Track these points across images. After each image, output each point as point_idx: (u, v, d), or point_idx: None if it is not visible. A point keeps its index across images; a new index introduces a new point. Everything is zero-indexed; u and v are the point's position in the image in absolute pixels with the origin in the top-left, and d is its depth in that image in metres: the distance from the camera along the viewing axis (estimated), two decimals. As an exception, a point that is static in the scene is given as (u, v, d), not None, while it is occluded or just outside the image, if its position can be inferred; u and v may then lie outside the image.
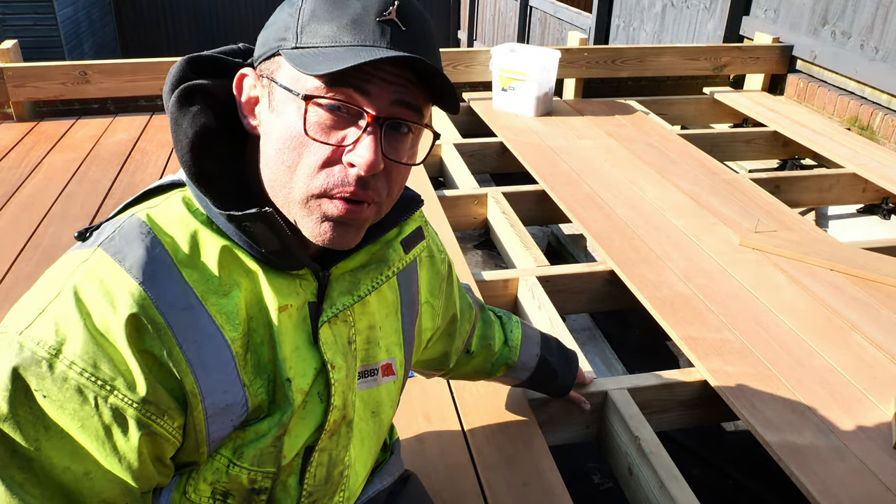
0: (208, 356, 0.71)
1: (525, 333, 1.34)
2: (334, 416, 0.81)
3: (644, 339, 2.56)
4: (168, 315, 0.68)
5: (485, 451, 1.47)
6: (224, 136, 0.77)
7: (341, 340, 0.82)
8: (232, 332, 0.72)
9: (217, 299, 0.72)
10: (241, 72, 0.76)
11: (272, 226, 0.71)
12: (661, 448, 1.52)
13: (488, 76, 3.78)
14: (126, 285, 0.67)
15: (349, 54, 0.66)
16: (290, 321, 0.77)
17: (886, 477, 1.41)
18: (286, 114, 0.70)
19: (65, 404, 0.65)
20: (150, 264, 0.69)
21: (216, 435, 0.74)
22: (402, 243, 0.87)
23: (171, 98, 0.74)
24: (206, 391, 0.71)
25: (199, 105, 0.75)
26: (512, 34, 8.18)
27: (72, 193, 2.78)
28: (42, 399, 0.65)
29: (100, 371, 0.65)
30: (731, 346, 1.80)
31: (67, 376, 0.65)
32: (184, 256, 0.71)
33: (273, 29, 0.73)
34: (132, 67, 3.54)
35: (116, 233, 0.71)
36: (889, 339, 1.86)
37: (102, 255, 0.69)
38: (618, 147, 3.23)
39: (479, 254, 2.98)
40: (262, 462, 0.78)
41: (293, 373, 0.77)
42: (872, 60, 3.47)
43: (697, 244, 2.35)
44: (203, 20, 11.76)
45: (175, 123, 0.74)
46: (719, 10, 4.66)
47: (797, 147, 3.54)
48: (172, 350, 0.68)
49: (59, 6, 8.88)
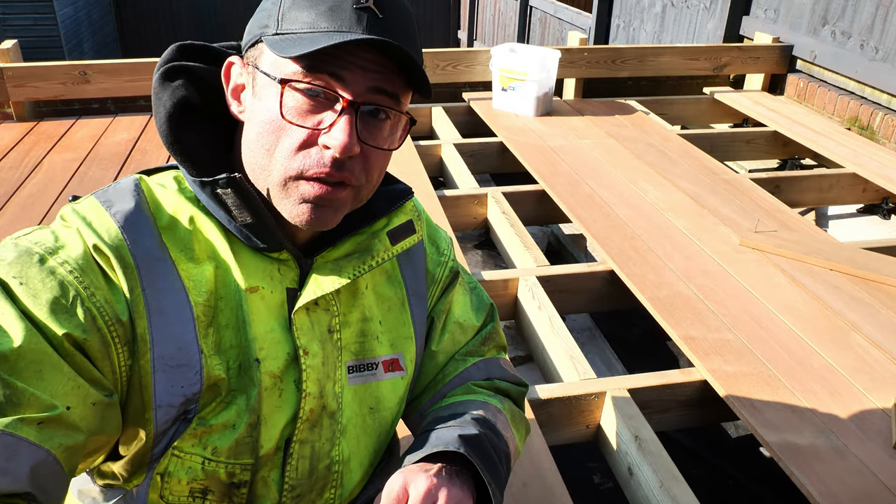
0: (168, 306, 0.73)
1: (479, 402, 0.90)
2: (309, 404, 0.81)
3: (644, 339, 2.56)
4: (139, 259, 0.72)
5: (485, 451, 1.47)
6: (208, 117, 0.80)
7: (319, 328, 0.81)
8: (197, 296, 0.74)
9: (188, 266, 0.75)
10: (229, 60, 0.78)
11: (243, 194, 0.74)
12: (661, 448, 1.52)
13: (488, 76, 3.78)
14: (106, 225, 0.72)
15: (324, 38, 0.68)
16: (262, 303, 0.77)
17: (886, 477, 1.41)
18: (266, 98, 0.73)
19: (39, 293, 0.67)
20: (134, 215, 0.74)
21: (164, 399, 0.73)
22: (388, 234, 0.86)
23: (155, 75, 0.78)
24: (157, 339, 0.72)
25: (182, 81, 0.78)
26: (512, 34, 8.18)
27: (72, 193, 2.78)
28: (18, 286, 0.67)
29: (87, 277, 0.70)
30: (731, 346, 1.80)
31: (56, 270, 0.69)
32: (165, 221, 0.76)
33: (257, 17, 0.75)
34: (132, 67, 3.54)
35: (111, 187, 0.77)
36: (889, 339, 1.86)
37: (92, 200, 0.75)
38: (618, 147, 3.23)
39: (479, 254, 2.98)
40: (239, 454, 0.78)
41: (264, 353, 0.77)
42: (872, 60, 3.47)
43: (697, 244, 2.35)
44: (203, 20, 11.76)
45: (156, 97, 0.78)
46: (719, 10, 4.66)
47: (797, 147, 3.55)
48: (134, 289, 0.71)
49: (59, 6, 8.88)
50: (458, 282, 0.99)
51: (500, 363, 1.00)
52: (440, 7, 11.49)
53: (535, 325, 2.05)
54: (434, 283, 0.97)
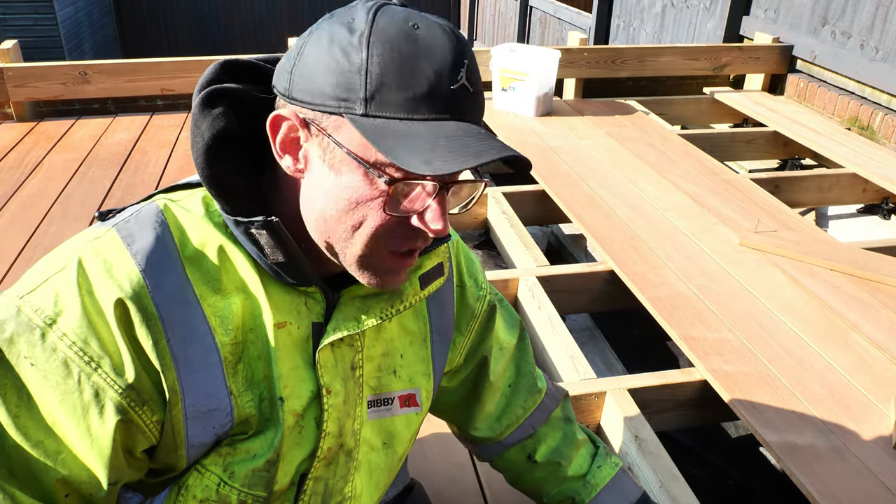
0: (195, 355, 0.70)
1: (618, 480, 1.08)
2: (328, 443, 0.80)
3: (644, 339, 2.56)
4: (162, 306, 0.69)
5: (485, 451, 1.47)
6: (244, 141, 0.75)
7: (343, 365, 0.80)
8: (223, 336, 0.72)
9: (215, 300, 0.72)
10: (280, 114, 0.70)
11: (278, 236, 0.71)
12: (661, 448, 1.52)
13: (488, 76, 3.78)
14: (127, 270, 0.68)
15: (430, 137, 0.64)
16: (289, 339, 0.75)
17: (886, 477, 1.41)
18: (349, 175, 0.67)
19: (49, 375, 0.67)
20: (155, 252, 0.70)
21: (196, 440, 0.73)
22: (420, 278, 0.84)
23: (195, 99, 0.73)
24: (188, 390, 0.71)
25: (222, 108, 0.73)
26: (512, 34, 8.18)
27: (72, 193, 2.78)
28: (29, 367, 0.66)
29: (89, 348, 0.67)
30: (731, 346, 1.80)
31: (57, 347, 0.66)
32: (191, 252, 0.72)
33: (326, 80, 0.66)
34: (132, 67, 3.54)
35: (133, 216, 0.72)
36: (889, 339, 1.86)
37: (114, 235, 0.70)
38: (618, 147, 3.23)
39: (479, 254, 2.98)
40: (254, 485, 0.77)
41: (287, 392, 0.75)
42: (872, 60, 3.47)
43: (697, 244, 2.35)
44: (203, 20, 11.76)
45: (194, 125, 0.73)
46: (719, 10, 4.66)
47: (797, 147, 3.54)
48: (159, 342, 0.69)
49: (59, 6, 8.88)
50: (497, 311, 1.02)
51: (548, 380, 1.11)
52: (440, 7, 11.50)
53: (535, 325, 2.05)
54: (473, 319, 0.98)
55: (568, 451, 1.07)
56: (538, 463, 1.07)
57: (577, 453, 1.08)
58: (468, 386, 1.03)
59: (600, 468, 1.08)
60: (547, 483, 1.08)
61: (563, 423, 1.09)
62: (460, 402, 1.05)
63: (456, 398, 1.05)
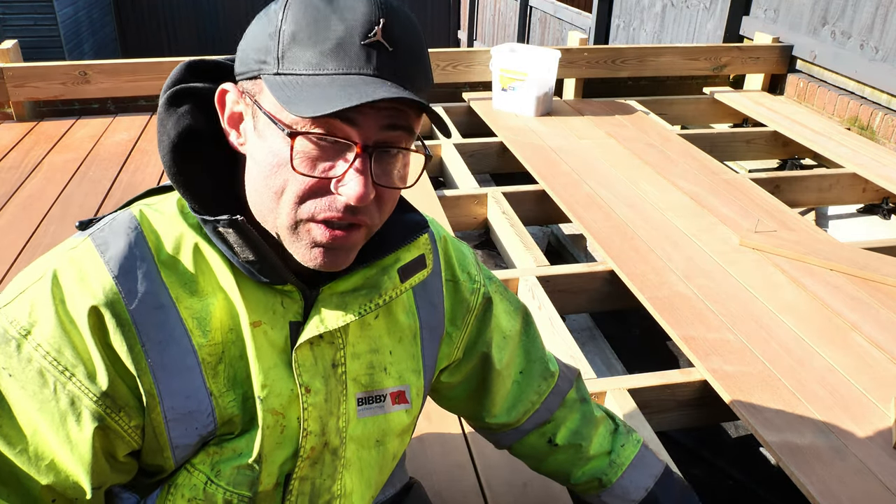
0: (171, 359, 0.71)
1: (641, 457, 1.11)
2: (311, 442, 0.79)
3: (644, 339, 2.56)
4: (136, 312, 0.69)
5: (485, 452, 1.47)
6: (213, 141, 0.75)
7: (323, 363, 0.79)
8: (201, 337, 0.72)
9: (192, 302, 0.72)
10: (223, 87, 0.72)
11: (244, 234, 0.70)
12: (661, 448, 1.52)
13: (488, 76, 3.78)
14: (100, 277, 0.69)
15: (333, 87, 0.63)
16: (265, 338, 0.75)
17: (886, 477, 1.41)
18: (271, 138, 0.68)
19: (26, 385, 0.67)
20: (128, 259, 0.70)
21: (180, 441, 0.73)
22: (399, 271, 0.82)
23: (161, 99, 0.74)
24: (165, 393, 0.71)
25: (188, 106, 0.74)
26: (512, 34, 8.18)
27: (71, 193, 2.78)
28: (7, 378, 0.67)
29: (62, 357, 0.67)
30: (731, 346, 1.80)
31: (32, 357, 0.67)
32: (166, 256, 0.72)
33: (252, 47, 0.69)
34: (132, 67, 3.54)
35: (107, 224, 0.73)
36: (889, 339, 1.86)
37: (89, 244, 0.71)
38: (618, 147, 3.23)
39: (480, 254, 2.98)
40: (238, 483, 0.77)
41: (266, 391, 0.75)
42: (872, 60, 3.47)
43: (697, 244, 2.35)
44: (203, 20, 11.76)
45: (160, 125, 0.74)
46: (719, 10, 4.66)
47: (797, 147, 3.55)
48: (134, 347, 0.69)
49: (59, 6, 8.88)
50: (495, 301, 1.01)
51: (559, 361, 1.12)
52: (440, 7, 11.50)
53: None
54: (469, 312, 0.97)
55: (588, 431, 1.09)
56: (559, 446, 1.08)
57: (597, 432, 1.10)
58: (476, 378, 1.03)
59: (624, 447, 1.10)
60: (571, 465, 1.09)
61: (580, 403, 1.10)
62: (470, 394, 1.05)
63: (465, 391, 1.05)
